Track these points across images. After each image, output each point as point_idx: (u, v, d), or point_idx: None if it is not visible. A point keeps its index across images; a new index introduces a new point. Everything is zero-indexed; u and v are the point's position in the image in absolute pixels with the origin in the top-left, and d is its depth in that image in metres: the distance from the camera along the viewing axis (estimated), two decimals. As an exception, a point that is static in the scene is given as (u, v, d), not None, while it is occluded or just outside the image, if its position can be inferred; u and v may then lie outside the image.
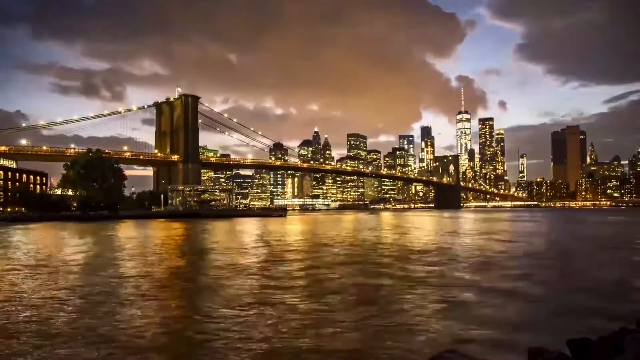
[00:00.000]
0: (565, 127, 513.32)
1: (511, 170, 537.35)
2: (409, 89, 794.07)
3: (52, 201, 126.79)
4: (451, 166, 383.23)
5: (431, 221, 76.58)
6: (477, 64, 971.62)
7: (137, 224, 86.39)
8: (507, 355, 9.54)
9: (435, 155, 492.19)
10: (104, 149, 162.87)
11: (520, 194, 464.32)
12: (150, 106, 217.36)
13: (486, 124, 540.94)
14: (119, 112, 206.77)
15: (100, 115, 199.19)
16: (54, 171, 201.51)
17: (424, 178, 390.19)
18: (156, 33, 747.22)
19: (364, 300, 15.65)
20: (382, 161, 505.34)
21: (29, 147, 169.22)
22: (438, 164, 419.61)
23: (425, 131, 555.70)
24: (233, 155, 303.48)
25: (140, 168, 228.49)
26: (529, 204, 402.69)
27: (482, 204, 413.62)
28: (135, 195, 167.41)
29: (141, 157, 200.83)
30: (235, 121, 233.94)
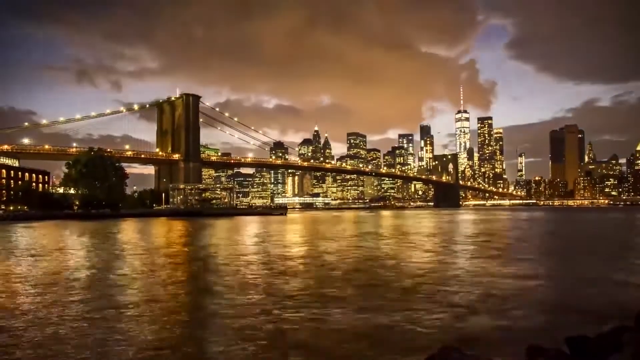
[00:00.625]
0: (564, 126, 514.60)
1: (510, 168, 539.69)
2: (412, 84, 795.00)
3: (54, 200, 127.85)
4: (450, 165, 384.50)
5: (432, 222, 76.83)
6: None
7: (139, 223, 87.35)
8: (506, 354, 9.27)
9: (435, 154, 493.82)
10: (105, 147, 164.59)
11: (518, 193, 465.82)
12: (151, 105, 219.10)
13: (485, 122, 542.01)
14: (121, 111, 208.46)
15: (101, 115, 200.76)
16: (56, 169, 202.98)
17: (424, 177, 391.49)
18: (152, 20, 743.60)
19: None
20: (382, 160, 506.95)
21: (31, 146, 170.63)
22: (437, 162, 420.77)
23: (425, 130, 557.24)
24: (234, 153, 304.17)
25: (142, 166, 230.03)
26: (527, 202, 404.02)
27: (481, 203, 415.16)
28: (136, 194, 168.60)
29: (142, 156, 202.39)
30: (236, 120, 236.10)
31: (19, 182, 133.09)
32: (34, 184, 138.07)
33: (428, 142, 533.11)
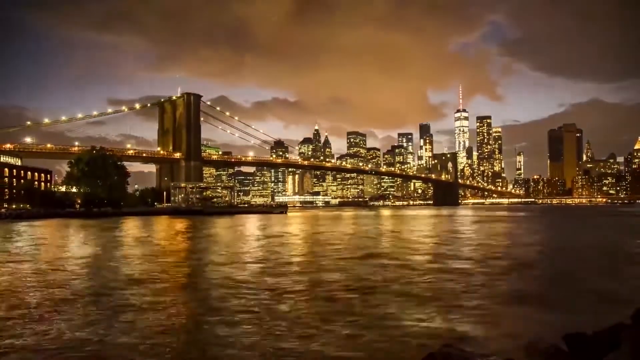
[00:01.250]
0: (562, 125, 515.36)
1: (508, 167, 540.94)
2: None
3: (57, 198, 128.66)
4: (449, 164, 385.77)
5: (432, 223, 77.09)
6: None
7: (141, 221, 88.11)
8: (505, 352, 9.38)
9: (434, 152, 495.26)
10: (107, 146, 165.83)
11: (517, 191, 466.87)
12: (153, 104, 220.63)
13: (484, 122, 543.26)
14: (122, 111, 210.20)
15: (103, 114, 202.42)
16: (58, 167, 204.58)
17: (423, 175, 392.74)
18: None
19: None
20: (382, 159, 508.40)
21: (34, 145, 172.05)
22: (437, 161, 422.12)
23: (425, 129, 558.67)
24: (234, 152, 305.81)
25: (143, 165, 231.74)
26: (525, 200, 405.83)
27: (480, 201, 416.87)
28: (138, 192, 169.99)
29: (144, 155, 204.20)
30: (237, 119, 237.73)
31: (22, 181, 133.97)
32: (36, 183, 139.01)
33: (427, 141, 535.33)
